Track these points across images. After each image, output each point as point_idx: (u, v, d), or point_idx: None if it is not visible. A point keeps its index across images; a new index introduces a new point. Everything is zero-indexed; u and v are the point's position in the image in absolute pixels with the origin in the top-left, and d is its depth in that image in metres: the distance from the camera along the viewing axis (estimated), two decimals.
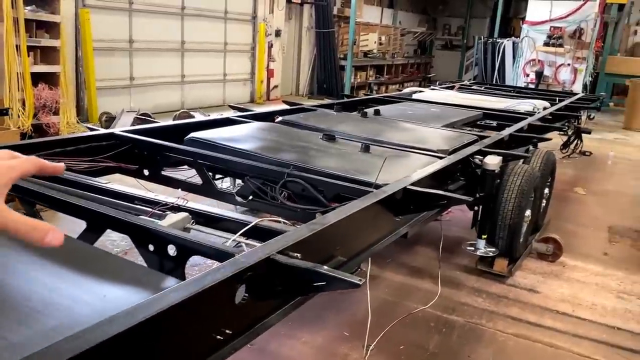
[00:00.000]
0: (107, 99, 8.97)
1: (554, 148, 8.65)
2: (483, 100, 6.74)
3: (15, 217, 0.78)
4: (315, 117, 4.32)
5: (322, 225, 1.93)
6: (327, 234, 1.99)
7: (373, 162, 3.04)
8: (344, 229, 2.16)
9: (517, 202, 3.76)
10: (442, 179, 3.18)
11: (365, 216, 2.31)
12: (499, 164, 3.45)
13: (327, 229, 1.97)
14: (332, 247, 2.10)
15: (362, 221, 2.31)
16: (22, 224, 0.78)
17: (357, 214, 2.20)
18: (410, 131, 4.12)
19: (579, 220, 5.44)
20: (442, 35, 22.86)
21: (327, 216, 2.04)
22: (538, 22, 11.80)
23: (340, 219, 2.07)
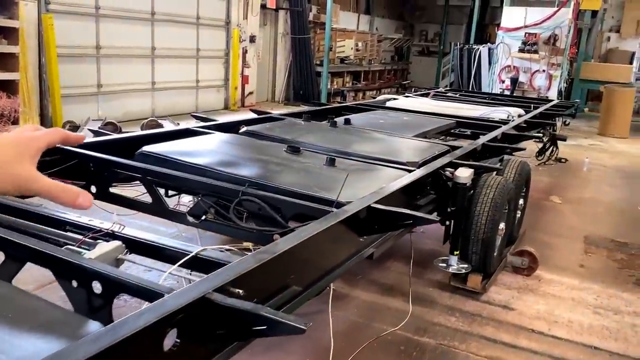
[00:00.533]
0: (73, 107, 8.67)
1: (529, 155, 8.61)
2: (457, 108, 6.63)
3: (48, 182, 0.84)
4: (282, 128, 4.14)
5: (272, 254, 1.75)
6: (278, 262, 1.81)
7: (338, 177, 2.86)
8: (300, 254, 1.97)
9: (490, 215, 3.62)
10: (411, 193, 3.02)
11: (324, 239, 2.13)
12: (470, 176, 3.30)
13: (278, 258, 1.79)
14: (285, 276, 1.91)
15: (320, 244, 2.13)
16: (54, 188, 0.84)
17: (315, 238, 2.02)
18: (379, 142, 3.96)
19: (554, 231, 5.33)
20: (419, 42, 22.89)
21: (278, 243, 1.86)
22: (513, 28, 11.79)
23: (294, 245, 1.89)
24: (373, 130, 4.40)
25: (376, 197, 2.48)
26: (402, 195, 2.82)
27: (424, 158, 3.52)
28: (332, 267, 2.26)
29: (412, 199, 3.07)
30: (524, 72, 11.73)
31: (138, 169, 2.69)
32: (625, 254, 4.80)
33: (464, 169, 3.33)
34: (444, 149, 3.88)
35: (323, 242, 2.13)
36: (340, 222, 2.19)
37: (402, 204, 2.84)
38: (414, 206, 3.11)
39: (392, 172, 3.12)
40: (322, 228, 2.07)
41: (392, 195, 2.61)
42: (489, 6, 19.28)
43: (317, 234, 2.02)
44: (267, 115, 4.86)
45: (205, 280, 1.51)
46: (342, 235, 2.28)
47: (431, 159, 3.55)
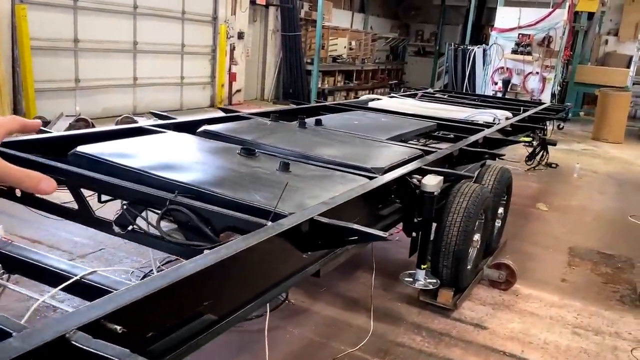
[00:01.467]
0: (49, 102, 8.39)
1: (519, 159, 8.36)
2: (442, 109, 6.35)
3: (11, 167, 0.85)
4: (245, 128, 3.86)
5: (172, 280, 1.48)
6: (183, 288, 1.54)
7: (290, 185, 2.59)
8: (217, 276, 1.71)
9: (462, 226, 3.36)
10: (371, 203, 2.75)
11: (252, 257, 1.86)
12: (438, 184, 3.03)
13: (183, 283, 1.52)
14: (195, 303, 1.64)
15: (247, 263, 1.86)
16: (18, 173, 0.86)
17: (239, 256, 1.75)
18: (347, 145, 3.68)
19: (538, 241, 5.07)
20: (414, 42, 22.63)
21: (184, 265, 1.58)
22: (507, 29, 11.52)
23: (208, 266, 1.62)
24: (344, 132, 4.13)
25: (323, 208, 2.21)
26: (358, 205, 2.55)
27: (392, 163, 3.25)
28: (265, 289, 1.99)
29: (373, 208, 2.80)
30: (517, 74, 11.47)
31: (61, 170, 2.41)
32: (610, 267, 4.54)
33: (432, 176, 3.06)
34: (416, 153, 3.61)
35: (250, 260, 1.86)
36: (275, 237, 1.93)
37: (359, 214, 2.58)
38: (376, 217, 2.84)
39: (352, 179, 2.84)
40: (248, 245, 1.80)
41: (343, 206, 2.34)
42: (485, 7, 19.01)
43: (241, 252, 1.76)
44: (234, 114, 4.59)
45: (72, 315, 1.24)
46: (277, 251, 2.01)
47: (399, 164, 3.28)
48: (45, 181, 0.89)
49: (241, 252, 1.76)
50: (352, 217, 2.51)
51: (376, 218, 2.84)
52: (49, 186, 0.89)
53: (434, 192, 3.01)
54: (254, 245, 1.82)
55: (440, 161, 3.63)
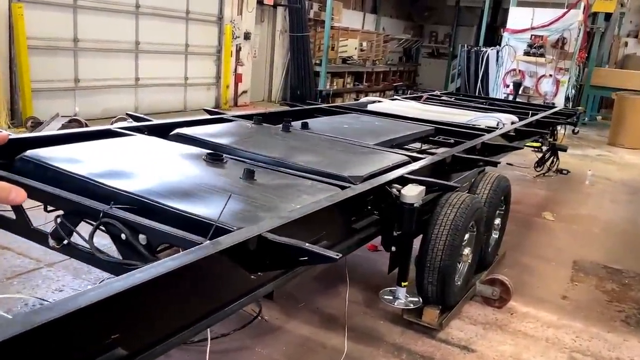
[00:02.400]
0: (48, 102, 8.28)
1: (529, 165, 8.03)
2: (444, 113, 6.08)
3: None
4: (221, 132, 3.65)
5: (57, 314, 1.26)
6: (80, 319, 1.32)
7: (248, 194, 2.36)
8: (133, 302, 1.49)
9: (449, 239, 3.10)
10: (341, 215, 2.51)
11: (184, 279, 1.64)
12: (419, 195, 2.78)
13: (78, 314, 1.30)
14: (103, 336, 1.42)
15: (177, 287, 1.64)
16: None
17: (163, 279, 1.53)
18: (329, 151, 3.45)
19: (541, 253, 4.77)
20: (428, 43, 22.27)
21: (85, 293, 1.36)
22: (519, 30, 11.16)
23: (117, 293, 1.40)
24: (330, 136, 3.89)
25: (275, 222, 1.98)
26: (324, 218, 2.32)
27: (372, 171, 3.01)
28: (201, 316, 1.76)
29: (345, 221, 2.56)
30: (530, 76, 11.12)
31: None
32: (617, 284, 4.23)
33: (413, 186, 2.82)
34: (403, 160, 3.36)
35: (182, 283, 1.64)
36: (213, 256, 1.70)
37: (325, 229, 2.35)
38: (348, 230, 2.60)
39: (323, 189, 2.61)
40: (178, 265, 1.58)
41: (301, 220, 2.11)
42: (500, 8, 18.60)
43: (168, 274, 1.54)
44: (218, 116, 4.38)
45: None
46: (215, 272, 1.78)
47: (381, 172, 3.04)
48: (16, 191, 0.93)
49: (168, 274, 1.54)
50: (314, 233, 2.28)
51: (348, 232, 2.60)
52: (18, 196, 0.93)
53: (414, 203, 2.76)
54: (186, 265, 1.60)
55: (428, 169, 3.39)
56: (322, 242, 2.35)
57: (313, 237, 2.29)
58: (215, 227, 1.94)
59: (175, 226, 2.01)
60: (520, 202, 6.36)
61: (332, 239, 2.43)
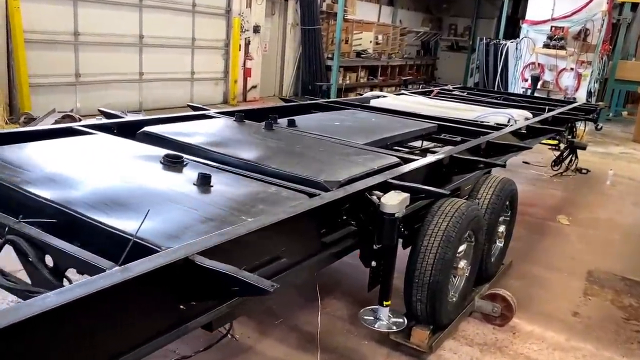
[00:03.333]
0: (48, 97, 8.09)
1: (545, 164, 7.58)
2: (452, 109, 5.69)
3: None
4: (194, 130, 3.34)
5: None
6: None
7: (193, 206, 2.05)
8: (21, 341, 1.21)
9: (440, 252, 2.76)
10: (307, 228, 2.19)
11: (86, 311, 1.35)
12: (401, 203, 2.44)
13: None
14: None
15: (73, 322, 1.35)
16: None
17: (61, 311, 1.26)
18: (310, 151, 3.12)
19: (552, 262, 4.38)
20: (447, 36, 21.71)
21: None
22: (539, 21, 10.64)
23: None
24: (316, 135, 3.56)
25: (210, 242, 1.67)
26: (283, 233, 2.00)
27: (353, 175, 2.68)
28: (109, 358, 1.46)
29: (311, 235, 2.24)
30: (550, 70, 10.60)
31: None
32: (635, 298, 3.83)
33: (395, 193, 2.48)
34: (391, 162, 3.02)
35: (82, 317, 1.35)
36: (120, 284, 1.40)
37: (285, 245, 2.03)
38: (316, 245, 2.28)
39: (288, 197, 2.29)
40: (72, 297, 1.30)
41: (248, 237, 1.80)
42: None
43: (63, 306, 1.26)
44: (201, 112, 4.08)
45: None
46: (126, 304, 1.48)
47: (363, 176, 2.70)
48: None
49: (60, 307, 1.25)
50: (269, 250, 1.97)
51: (317, 247, 2.28)
52: None
53: (395, 213, 2.42)
54: (89, 295, 1.31)
55: (421, 172, 3.04)
56: (281, 260, 2.04)
57: (267, 256, 1.98)
58: (139, 245, 1.65)
59: (99, 243, 1.73)
60: (533, 204, 5.96)
61: (294, 256, 2.12)
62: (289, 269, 2.09)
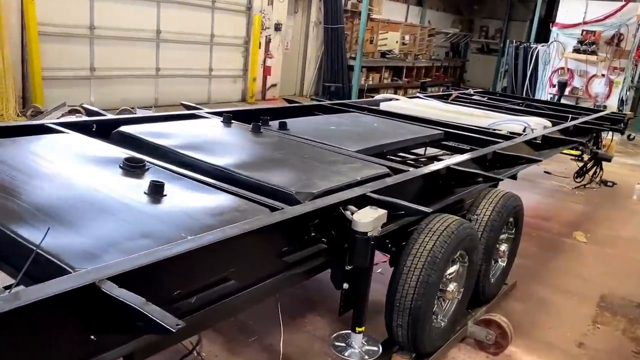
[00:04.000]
0: (62, 90, 8.06)
1: (568, 175, 7.20)
2: (465, 114, 5.40)
3: None
4: (173, 131, 3.16)
5: None
6: None
7: (133, 219, 1.86)
8: None
9: (424, 275, 2.52)
10: (265, 246, 1.98)
11: None
12: (377, 221, 2.22)
13: None
14: None
15: None
16: None
17: None
18: (292, 158, 2.91)
19: (562, 283, 4.07)
20: (478, 38, 21.20)
21: None
22: (569, 24, 10.20)
23: None
24: (306, 139, 3.34)
25: (129, 264, 1.47)
26: (231, 251, 1.79)
27: (331, 186, 2.45)
28: None
29: (269, 254, 2.02)
30: (579, 75, 10.15)
31: None
32: None
33: (370, 209, 2.25)
34: (378, 172, 2.78)
35: None
36: (13, 312, 1.22)
37: (234, 266, 1.82)
38: (277, 264, 2.06)
39: (248, 210, 2.07)
40: None
41: (183, 257, 1.60)
42: (556, 1, 17.39)
43: None
44: (193, 111, 3.91)
45: None
46: (24, 333, 1.29)
47: (343, 187, 2.47)
48: None
49: None
50: (213, 272, 1.77)
51: (276, 267, 2.06)
52: None
53: (368, 231, 2.18)
54: None
55: (411, 185, 2.79)
56: (228, 282, 1.83)
57: (211, 278, 1.78)
58: (53, 264, 1.46)
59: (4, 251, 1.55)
60: (550, 217, 5.62)
61: (245, 277, 1.91)
62: (240, 292, 1.89)
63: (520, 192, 6.06)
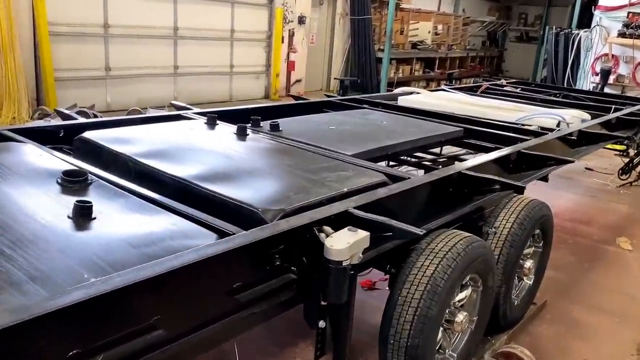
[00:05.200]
0: (76, 91, 7.91)
1: (612, 172, 6.56)
2: (494, 108, 4.89)
3: None
4: (149, 135, 2.81)
5: None
6: None
7: (35, 256, 1.50)
8: None
9: (423, 307, 2.09)
10: (202, 283, 1.58)
11: None
12: (354, 247, 1.79)
13: None
14: None
15: None
16: None
17: None
18: (273, 166, 2.51)
19: (601, 301, 3.54)
20: (516, 26, 20.26)
21: None
22: (613, 7, 9.42)
23: None
24: (298, 142, 2.93)
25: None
26: (150, 294, 1.41)
27: (308, 201, 2.04)
28: None
29: (214, 292, 1.63)
30: (626, 62, 9.36)
31: None
32: None
33: (348, 231, 1.82)
34: (372, 181, 2.35)
35: None
36: None
37: (156, 312, 1.44)
38: (227, 305, 1.66)
39: (190, 237, 1.69)
40: None
41: (81, 306, 1.23)
42: None
43: None
44: (183, 111, 3.56)
45: None
46: None
47: (324, 201, 2.06)
48: None
49: None
50: (130, 322, 1.39)
51: (224, 308, 1.66)
52: None
53: (343, 260, 1.76)
54: None
55: (410, 196, 2.35)
56: (154, 332, 1.45)
57: (127, 329, 1.40)
58: None
59: None
60: (590, 221, 5.05)
61: (178, 325, 1.52)
62: (171, 344, 1.50)
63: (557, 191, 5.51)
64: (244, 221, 1.91)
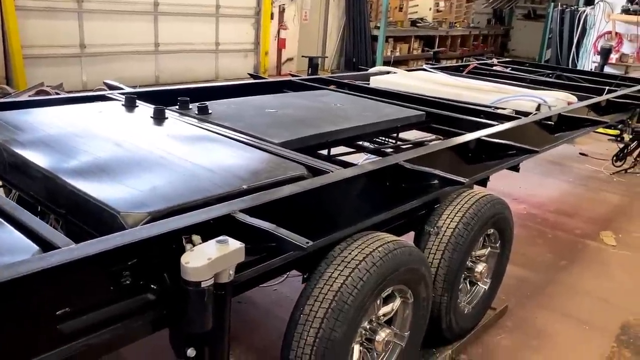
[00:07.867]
0: (49, 69, 7.58)
1: (607, 158, 6.14)
2: (472, 89, 4.49)
3: None
4: (47, 118, 2.48)
5: None
6: None
7: None
8: None
9: (325, 329, 1.75)
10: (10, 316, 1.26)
11: None
12: (217, 263, 1.46)
13: None
14: None
15: None
16: None
17: None
18: (170, 156, 2.16)
19: (572, 305, 3.19)
20: (524, 3, 19.54)
21: None
22: None
23: None
24: (223, 127, 2.59)
25: None
26: None
27: (184, 202, 1.71)
28: None
29: (29, 324, 1.30)
30: (630, 40, 8.84)
31: None
32: None
33: (216, 243, 1.49)
34: (287, 175, 2.00)
35: None
36: None
37: None
38: (49, 337, 1.34)
39: (6, 252, 1.36)
40: None
41: None
42: None
43: None
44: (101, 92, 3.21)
45: None
46: None
47: (214, 200, 1.73)
48: None
49: None
50: None
51: (44, 343, 1.33)
52: None
53: (202, 281, 1.43)
54: None
55: (330, 190, 2.00)
56: None
57: None
58: None
59: None
60: (575, 213, 4.68)
61: None
62: None
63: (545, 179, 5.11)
64: (106, 226, 1.60)
